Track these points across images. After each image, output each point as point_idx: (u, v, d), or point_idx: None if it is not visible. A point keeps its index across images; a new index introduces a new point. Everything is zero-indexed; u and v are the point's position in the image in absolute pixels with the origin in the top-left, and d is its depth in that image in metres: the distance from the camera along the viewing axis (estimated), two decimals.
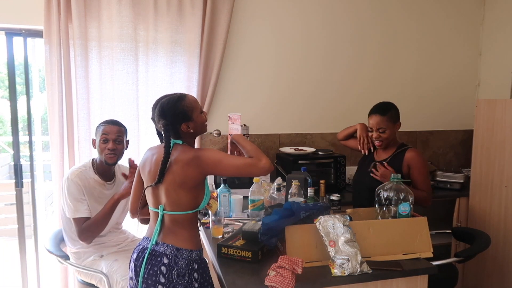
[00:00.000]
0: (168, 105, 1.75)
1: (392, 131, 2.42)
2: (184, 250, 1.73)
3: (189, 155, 1.72)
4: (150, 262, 1.72)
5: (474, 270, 3.15)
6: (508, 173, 2.89)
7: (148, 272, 1.71)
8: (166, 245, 1.73)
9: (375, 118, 2.42)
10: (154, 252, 1.73)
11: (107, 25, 2.85)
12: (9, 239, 4.62)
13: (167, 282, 1.68)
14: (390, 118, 2.40)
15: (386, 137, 2.41)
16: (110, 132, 2.34)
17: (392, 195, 1.92)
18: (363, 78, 3.51)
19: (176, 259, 1.70)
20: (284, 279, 1.54)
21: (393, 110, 2.44)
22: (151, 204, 1.81)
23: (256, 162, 1.72)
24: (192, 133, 1.81)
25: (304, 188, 2.27)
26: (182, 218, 1.74)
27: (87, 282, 2.39)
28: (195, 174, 1.71)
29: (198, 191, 1.76)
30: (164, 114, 1.74)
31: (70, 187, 2.27)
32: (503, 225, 2.96)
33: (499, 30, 3.58)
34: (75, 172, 2.32)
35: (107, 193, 2.40)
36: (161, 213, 1.75)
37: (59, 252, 2.35)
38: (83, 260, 2.37)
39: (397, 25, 3.54)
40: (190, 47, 3.01)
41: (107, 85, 2.91)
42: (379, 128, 2.41)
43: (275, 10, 3.27)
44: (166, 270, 1.69)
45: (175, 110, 1.75)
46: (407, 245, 1.84)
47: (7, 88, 2.95)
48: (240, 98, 3.27)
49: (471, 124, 3.52)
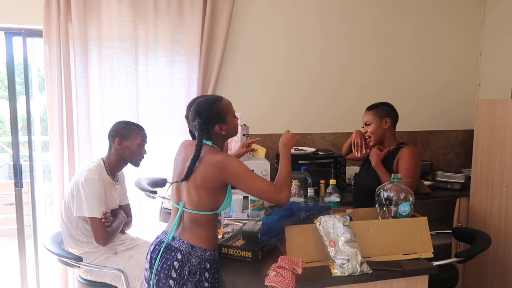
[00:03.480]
0: (205, 105, 1.78)
1: (377, 125, 2.46)
2: (198, 249, 1.74)
3: (216, 158, 1.73)
4: (165, 255, 1.75)
5: (475, 270, 3.15)
6: (509, 173, 2.89)
7: (162, 265, 1.74)
8: (182, 241, 1.75)
9: (364, 114, 2.53)
10: (170, 247, 1.76)
11: (107, 25, 2.84)
12: (9, 239, 4.62)
13: (178, 278, 1.70)
14: (376, 113, 2.47)
15: (371, 131, 2.47)
16: (146, 140, 2.43)
17: (392, 195, 1.92)
18: (363, 78, 3.51)
19: (190, 256, 1.72)
20: (284, 279, 1.53)
21: (382, 106, 2.49)
22: (173, 199, 1.86)
23: (277, 193, 1.72)
24: (223, 136, 1.83)
25: (304, 188, 2.26)
26: (200, 218, 1.76)
27: (95, 282, 2.37)
28: (216, 177, 1.71)
29: (219, 195, 1.77)
30: (200, 113, 1.77)
31: (95, 186, 2.25)
32: (503, 225, 2.95)
33: (499, 30, 3.58)
34: (95, 171, 2.30)
35: (114, 194, 2.43)
36: (181, 209, 1.78)
37: (70, 255, 2.31)
38: (94, 259, 2.36)
39: (398, 25, 3.54)
40: (190, 47, 3.01)
41: (107, 85, 2.91)
42: (366, 122, 2.50)
43: (275, 10, 3.27)
44: (179, 265, 1.71)
45: (211, 110, 1.78)
46: (407, 245, 1.83)
47: (7, 88, 2.95)
48: (240, 98, 3.26)
49: (471, 124, 3.52)
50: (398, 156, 2.40)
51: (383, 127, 2.46)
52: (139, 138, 2.38)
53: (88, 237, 2.33)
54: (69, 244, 2.38)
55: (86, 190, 2.24)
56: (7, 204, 4.85)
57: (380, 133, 2.46)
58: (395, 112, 2.50)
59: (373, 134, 2.47)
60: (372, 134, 2.47)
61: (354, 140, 2.53)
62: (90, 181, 2.25)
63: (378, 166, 2.41)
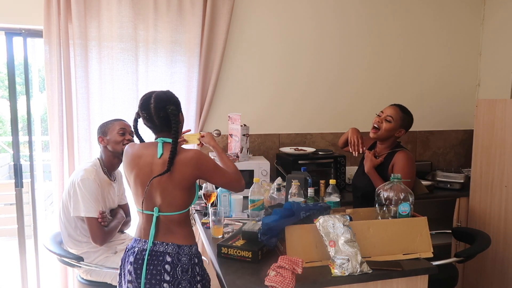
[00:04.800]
0: (167, 95, 1.79)
1: (395, 128, 2.39)
2: (185, 247, 1.75)
3: (188, 155, 1.73)
4: (151, 263, 1.72)
5: (474, 270, 3.15)
6: (508, 173, 2.89)
7: (150, 272, 1.71)
8: (166, 244, 1.74)
9: (391, 108, 2.43)
10: (154, 253, 1.74)
11: (107, 25, 2.85)
12: (9, 239, 4.62)
13: (172, 280, 1.70)
14: (403, 117, 2.40)
15: (386, 128, 2.39)
16: (126, 127, 2.43)
17: (392, 195, 1.92)
18: (363, 78, 3.51)
19: (179, 256, 1.73)
20: (284, 279, 1.54)
21: (409, 118, 2.44)
22: (142, 206, 1.79)
23: (240, 181, 1.87)
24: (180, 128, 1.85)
25: (304, 188, 2.26)
26: (179, 217, 1.77)
27: (96, 282, 2.38)
28: (192, 174, 1.72)
29: (192, 191, 1.79)
30: (169, 101, 1.77)
31: (91, 185, 2.26)
32: (503, 225, 2.96)
33: (499, 30, 3.58)
34: (92, 171, 2.31)
35: (112, 193, 2.44)
36: (156, 214, 1.75)
37: (71, 255, 2.32)
38: (94, 259, 2.37)
39: (397, 25, 3.54)
40: (190, 47, 3.01)
41: (107, 85, 2.91)
42: (388, 115, 2.39)
43: (275, 10, 3.27)
44: (171, 268, 1.71)
45: (175, 99, 1.81)
46: (407, 245, 1.84)
47: (7, 88, 2.95)
48: (240, 98, 3.26)
49: (471, 124, 3.52)
50: (393, 161, 2.38)
51: (395, 134, 2.43)
52: (117, 127, 2.40)
53: (87, 237, 2.33)
54: (68, 244, 2.38)
55: (82, 190, 2.25)
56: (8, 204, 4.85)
57: (390, 135, 2.42)
58: (410, 128, 2.47)
59: (385, 131, 2.39)
60: (385, 131, 2.39)
61: (350, 139, 2.51)
62: (86, 180, 2.26)
63: (371, 172, 2.40)
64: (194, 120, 3.09)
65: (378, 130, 2.41)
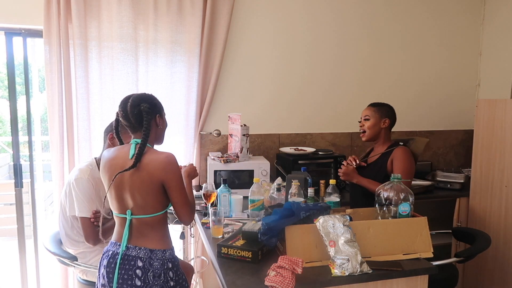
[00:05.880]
0: (147, 95, 1.81)
1: (376, 122, 2.50)
2: (158, 251, 1.73)
3: (160, 156, 1.71)
4: (123, 267, 1.71)
5: (474, 270, 3.15)
6: (509, 173, 2.89)
7: (122, 277, 1.70)
8: (139, 248, 1.72)
9: (365, 109, 2.57)
10: (126, 257, 1.72)
11: (107, 25, 2.84)
12: (9, 239, 4.62)
13: (143, 285, 1.69)
14: (378, 110, 2.51)
15: (368, 126, 2.50)
16: None
17: (392, 195, 1.92)
18: (363, 78, 3.51)
19: (151, 261, 1.71)
20: (284, 279, 1.54)
21: (385, 106, 2.54)
22: (116, 209, 1.79)
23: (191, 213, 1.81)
24: (158, 131, 1.83)
25: (304, 188, 2.26)
26: (152, 220, 1.74)
27: (93, 282, 2.37)
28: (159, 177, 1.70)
29: (164, 194, 1.75)
30: (145, 100, 1.76)
31: (84, 185, 2.25)
32: (503, 225, 2.95)
33: (499, 30, 3.58)
34: (86, 170, 2.30)
35: None
36: (129, 218, 1.74)
37: (66, 254, 2.32)
38: (90, 259, 2.36)
39: (398, 25, 3.54)
40: (190, 47, 3.01)
41: (107, 85, 2.91)
42: (365, 115, 2.53)
43: (275, 10, 3.27)
44: (142, 273, 1.69)
45: (153, 100, 1.80)
46: (407, 245, 1.84)
47: (7, 88, 2.95)
48: (240, 98, 3.26)
49: (471, 124, 3.52)
50: (392, 156, 2.44)
51: (381, 126, 2.50)
52: None
53: (83, 237, 2.32)
54: (66, 244, 2.39)
55: (76, 190, 2.25)
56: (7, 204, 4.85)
57: (376, 130, 2.51)
58: (394, 116, 2.55)
59: (369, 129, 2.51)
60: (369, 129, 2.51)
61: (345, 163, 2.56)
62: (80, 180, 2.25)
63: (360, 180, 2.46)
64: (194, 120, 3.09)
65: (364, 132, 2.54)
